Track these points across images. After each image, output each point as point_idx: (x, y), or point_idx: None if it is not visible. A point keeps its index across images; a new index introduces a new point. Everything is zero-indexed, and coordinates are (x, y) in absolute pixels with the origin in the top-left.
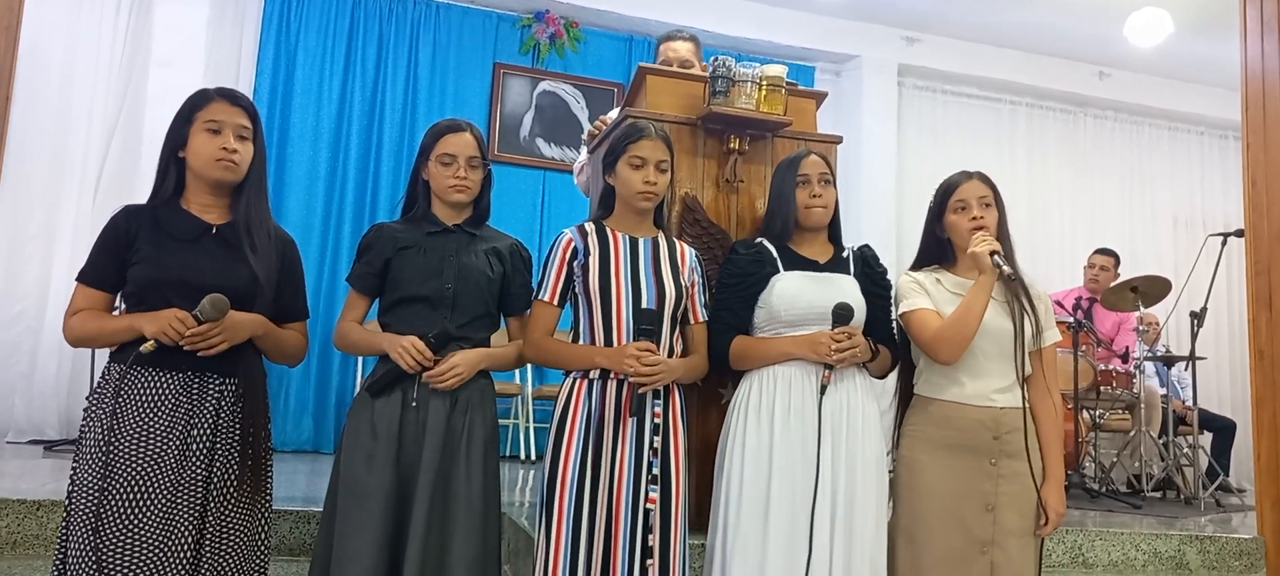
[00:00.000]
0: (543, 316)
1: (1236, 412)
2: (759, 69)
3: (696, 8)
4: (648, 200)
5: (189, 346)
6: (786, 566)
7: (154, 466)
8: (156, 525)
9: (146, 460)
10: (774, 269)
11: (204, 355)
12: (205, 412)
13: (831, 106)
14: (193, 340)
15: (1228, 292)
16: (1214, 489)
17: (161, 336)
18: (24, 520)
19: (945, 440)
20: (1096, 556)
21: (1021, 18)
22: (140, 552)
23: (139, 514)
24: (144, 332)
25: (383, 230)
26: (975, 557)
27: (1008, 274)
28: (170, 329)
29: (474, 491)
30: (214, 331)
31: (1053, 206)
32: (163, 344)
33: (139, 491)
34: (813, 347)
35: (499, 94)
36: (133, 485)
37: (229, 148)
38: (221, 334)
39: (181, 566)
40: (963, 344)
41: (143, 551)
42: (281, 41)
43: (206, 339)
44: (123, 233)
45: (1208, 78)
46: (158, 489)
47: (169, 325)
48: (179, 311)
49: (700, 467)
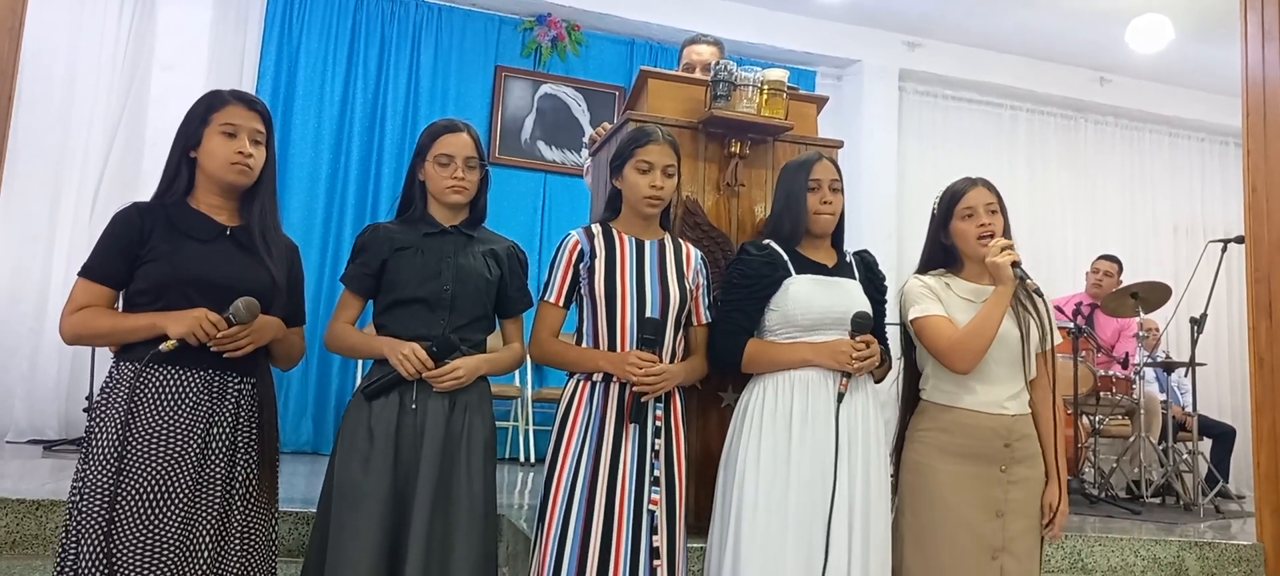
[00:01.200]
0: (548, 317)
1: (1236, 419)
2: (760, 73)
3: (698, 12)
4: (653, 205)
5: (216, 347)
6: (805, 572)
7: (174, 465)
8: (176, 525)
9: (167, 459)
10: (786, 272)
11: (229, 356)
12: (226, 412)
13: (832, 111)
14: (222, 342)
15: (1228, 299)
16: (1213, 495)
17: (190, 337)
18: (23, 520)
19: (958, 447)
20: (1095, 562)
21: (1022, 23)
22: (158, 553)
23: (158, 514)
24: (169, 332)
25: (379, 230)
26: (986, 563)
27: (1033, 287)
28: (201, 329)
29: (475, 493)
30: (243, 334)
31: (1053, 212)
32: (184, 343)
33: (158, 491)
34: (833, 355)
35: (500, 97)
36: (151, 485)
37: (245, 152)
38: (249, 337)
39: (200, 567)
40: (979, 354)
41: (161, 552)
42: (283, 43)
43: (236, 341)
44: (135, 229)
45: (1208, 84)
46: (178, 488)
47: (200, 325)
48: (209, 312)
49: (700, 471)
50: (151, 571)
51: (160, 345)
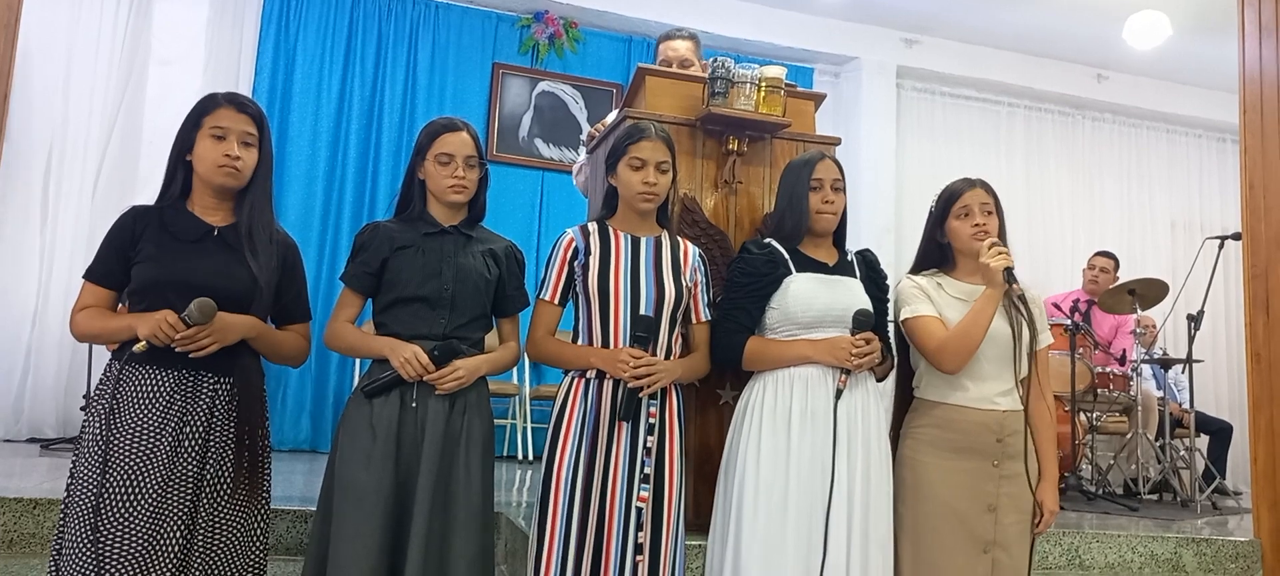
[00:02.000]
0: (544, 315)
1: (1233, 415)
2: (758, 70)
3: (695, 9)
4: (648, 201)
5: (179, 348)
6: (804, 569)
7: (146, 461)
8: (146, 519)
9: (139, 455)
10: (787, 270)
11: (196, 356)
12: (199, 410)
13: (830, 108)
14: (183, 342)
15: (1225, 296)
16: (1210, 492)
17: (153, 338)
18: (20, 518)
19: (950, 443)
20: (1093, 558)
21: (1020, 20)
22: (131, 546)
23: (131, 508)
24: (138, 333)
25: (379, 229)
26: (978, 557)
27: (1018, 293)
28: (160, 330)
29: (474, 491)
30: (202, 334)
31: (1051, 209)
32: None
33: (132, 486)
34: (833, 352)
35: (498, 94)
36: (127, 480)
37: (232, 154)
38: (211, 336)
39: (169, 560)
40: (968, 355)
41: (133, 544)
42: (281, 41)
43: (196, 341)
44: (128, 232)
45: (1206, 81)
46: (149, 483)
47: (159, 326)
48: (170, 314)
49: (699, 468)
50: (125, 562)
51: (133, 346)
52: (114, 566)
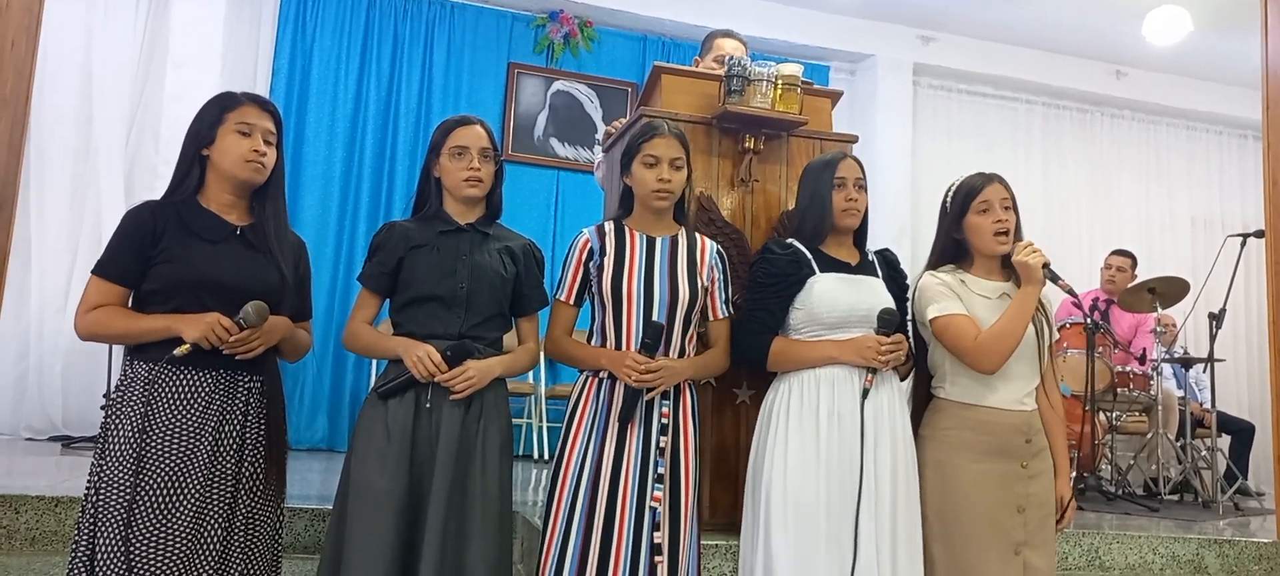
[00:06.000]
0: (561, 315)
1: (1255, 415)
2: (774, 68)
3: (711, 7)
4: (662, 199)
5: (229, 350)
6: (836, 570)
7: (187, 462)
8: (188, 521)
9: (180, 456)
10: (810, 270)
11: (241, 357)
12: (235, 410)
13: (846, 106)
14: (234, 345)
15: (1246, 294)
16: (1232, 492)
17: (203, 341)
18: (42, 516)
19: (983, 445)
20: (1113, 559)
21: (1038, 16)
22: (171, 548)
23: (172, 510)
24: (183, 336)
25: (395, 228)
26: (1010, 558)
27: (1065, 287)
28: (213, 334)
29: (490, 494)
30: (254, 337)
31: (1069, 206)
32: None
33: (173, 488)
34: (859, 352)
35: (513, 93)
36: (167, 481)
37: (259, 150)
38: (260, 339)
39: (210, 562)
40: (1006, 355)
41: (173, 547)
42: (297, 41)
43: (247, 344)
44: (147, 228)
45: (1227, 76)
46: (190, 485)
47: (212, 329)
48: (222, 318)
49: (715, 467)
50: (165, 564)
51: (175, 349)
52: (156, 567)
